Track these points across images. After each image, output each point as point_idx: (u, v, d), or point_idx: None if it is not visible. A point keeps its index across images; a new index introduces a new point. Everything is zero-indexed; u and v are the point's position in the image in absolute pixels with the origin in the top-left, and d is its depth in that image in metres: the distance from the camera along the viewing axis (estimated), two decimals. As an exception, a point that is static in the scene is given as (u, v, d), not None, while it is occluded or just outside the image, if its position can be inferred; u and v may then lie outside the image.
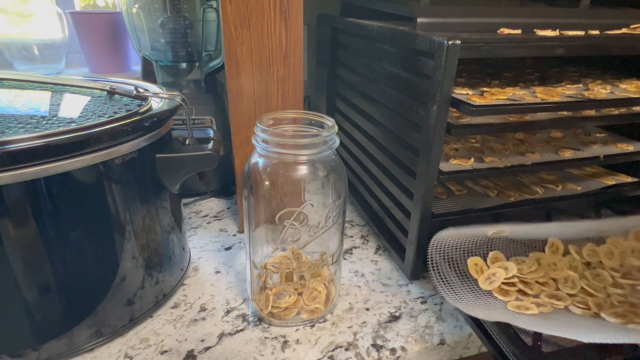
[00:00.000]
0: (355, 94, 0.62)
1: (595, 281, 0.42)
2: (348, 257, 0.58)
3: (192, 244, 0.59)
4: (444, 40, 0.38)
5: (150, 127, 0.40)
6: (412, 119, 0.46)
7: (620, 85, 0.54)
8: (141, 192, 0.41)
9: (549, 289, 0.42)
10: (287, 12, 0.50)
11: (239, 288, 0.51)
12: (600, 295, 0.40)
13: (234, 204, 0.71)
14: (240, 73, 0.51)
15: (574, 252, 0.46)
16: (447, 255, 0.44)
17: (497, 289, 0.41)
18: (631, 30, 0.50)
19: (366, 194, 0.64)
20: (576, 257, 0.45)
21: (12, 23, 0.77)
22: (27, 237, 0.34)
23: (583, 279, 0.43)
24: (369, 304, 0.49)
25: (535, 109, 0.45)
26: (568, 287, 0.42)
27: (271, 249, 0.47)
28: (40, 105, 0.42)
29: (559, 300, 0.40)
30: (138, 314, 0.44)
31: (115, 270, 0.41)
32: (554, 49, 0.43)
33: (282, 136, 0.39)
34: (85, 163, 0.35)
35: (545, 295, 0.41)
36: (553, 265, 0.44)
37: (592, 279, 0.43)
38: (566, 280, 0.43)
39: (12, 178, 0.32)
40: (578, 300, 0.40)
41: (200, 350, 0.42)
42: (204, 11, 0.68)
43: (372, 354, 0.42)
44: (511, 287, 0.42)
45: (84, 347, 0.40)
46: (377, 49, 0.53)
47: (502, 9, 0.49)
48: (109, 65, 0.84)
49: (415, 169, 0.46)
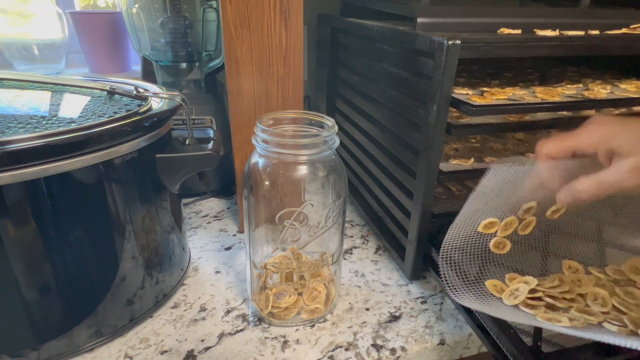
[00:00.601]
0: (355, 94, 0.62)
1: (628, 298, 0.39)
2: (348, 257, 0.58)
3: (192, 244, 0.59)
4: (444, 40, 0.38)
5: (150, 127, 0.40)
6: (412, 119, 0.46)
7: (620, 85, 0.54)
8: (141, 192, 0.41)
9: (579, 305, 0.38)
10: (287, 12, 0.50)
11: (239, 288, 0.51)
12: (634, 313, 0.37)
13: (234, 204, 0.71)
14: (240, 73, 0.51)
15: (595, 272, 0.43)
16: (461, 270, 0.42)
17: (523, 303, 0.38)
18: (631, 30, 0.50)
19: (366, 194, 0.64)
20: (601, 276, 0.42)
21: (12, 23, 0.77)
22: (27, 237, 0.34)
23: (614, 296, 0.39)
24: (369, 304, 0.49)
25: (535, 109, 0.45)
26: (598, 304, 0.38)
27: (271, 249, 0.47)
28: (40, 105, 0.42)
29: (591, 316, 0.36)
30: (138, 314, 0.44)
31: (115, 270, 0.41)
32: (554, 49, 0.43)
33: (282, 136, 0.39)
34: (85, 163, 0.35)
35: (576, 311, 0.37)
36: (578, 282, 0.41)
37: (624, 296, 0.39)
38: (596, 297, 0.39)
39: (12, 178, 0.32)
40: (612, 317, 0.36)
41: (200, 350, 0.42)
42: (204, 11, 0.68)
43: (372, 354, 0.42)
44: (538, 302, 0.38)
45: (84, 347, 0.40)
46: (377, 49, 0.53)
47: (502, 9, 0.49)
48: (109, 65, 0.84)
49: (415, 169, 0.46)
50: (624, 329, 0.35)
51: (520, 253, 0.45)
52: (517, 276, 0.42)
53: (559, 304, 0.38)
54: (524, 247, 0.46)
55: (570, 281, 0.41)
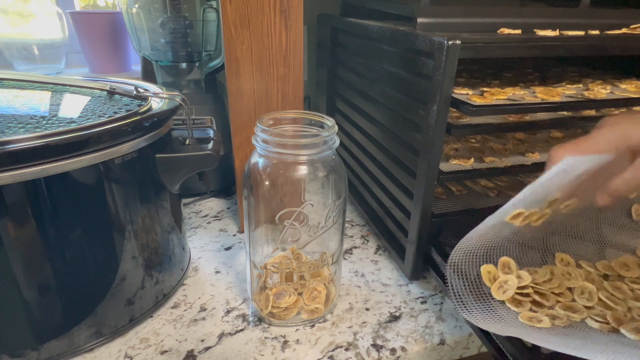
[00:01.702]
0: (355, 94, 0.62)
1: (616, 293, 0.40)
2: (348, 257, 0.58)
3: (192, 244, 0.59)
4: (444, 40, 0.38)
5: (150, 127, 0.40)
6: (412, 119, 0.46)
7: (620, 85, 0.54)
8: (141, 192, 0.41)
9: (565, 299, 0.39)
10: (287, 12, 0.50)
11: (239, 288, 0.51)
12: (620, 308, 0.38)
13: (234, 204, 0.71)
14: (240, 73, 0.51)
15: (586, 266, 0.44)
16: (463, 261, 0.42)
17: (510, 299, 0.39)
18: (631, 30, 0.50)
19: (366, 194, 0.64)
20: (590, 270, 0.43)
21: (12, 23, 0.77)
22: (27, 237, 0.34)
23: (601, 290, 0.40)
24: (369, 304, 0.49)
25: (535, 109, 0.45)
26: (585, 298, 0.39)
27: (271, 249, 0.47)
28: (40, 105, 0.42)
29: (575, 313, 0.37)
30: (138, 314, 0.44)
31: (115, 270, 0.41)
32: (554, 49, 0.43)
33: (282, 136, 0.39)
34: (86, 163, 0.35)
35: (560, 308, 0.38)
36: (567, 275, 0.42)
37: (612, 291, 0.40)
38: (583, 291, 0.40)
39: (12, 178, 0.32)
40: (596, 313, 0.37)
41: (200, 350, 0.42)
42: (204, 11, 0.68)
43: (372, 354, 0.42)
44: (525, 298, 0.39)
45: (84, 347, 0.40)
46: (377, 49, 0.53)
47: (502, 9, 0.49)
48: (109, 65, 0.84)
49: (415, 169, 0.46)
50: (606, 326, 0.36)
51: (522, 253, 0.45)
52: (510, 261, 0.42)
53: (545, 302, 0.39)
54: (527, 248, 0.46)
55: (560, 274, 0.42)
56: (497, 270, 0.41)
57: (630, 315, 0.37)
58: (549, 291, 0.40)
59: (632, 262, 0.44)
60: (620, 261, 0.44)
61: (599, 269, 0.43)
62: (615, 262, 0.44)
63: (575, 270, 0.43)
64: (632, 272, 0.42)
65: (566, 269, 0.43)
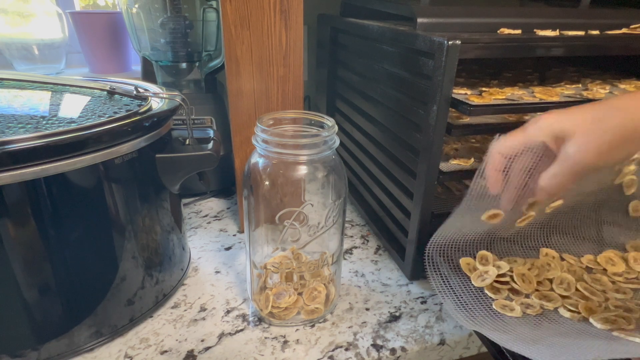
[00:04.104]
0: (355, 94, 0.62)
1: (595, 284, 0.41)
2: (348, 257, 0.58)
3: (192, 244, 0.59)
4: (444, 40, 0.38)
5: (150, 127, 0.40)
6: (412, 119, 0.46)
7: (620, 85, 0.54)
8: (141, 192, 0.41)
9: (543, 288, 0.41)
10: (287, 12, 0.50)
11: (239, 288, 0.51)
12: (596, 298, 0.39)
13: (234, 204, 0.71)
14: (240, 73, 0.51)
15: (569, 259, 0.45)
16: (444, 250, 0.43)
17: (489, 286, 0.41)
18: (631, 30, 0.50)
19: (366, 194, 0.64)
20: (572, 263, 0.44)
21: (12, 23, 0.77)
22: (27, 237, 0.34)
23: (581, 281, 0.42)
24: (369, 304, 0.49)
25: (533, 109, 0.45)
26: (562, 288, 0.41)
27: (271, 249, 0.47)
28: (40, 105, 0.42)
29: (549, 302, 0.39)
30: (138, 314, 0.44)
31: (115, 270, 0.41)
32: (554, 49, 0.43)
33: (282, 136, 0.39)
34: (85, 163, 0.35)
35: (536, 297, 0.40)
36: (547, 266, 0.43)
37: (591, 283, 0.42)
38: (562, 281, 0.42)
39: (12, 178, 0.32)
40: (570, 302, 0.39)
41: (200, 350, 0.42)
42: (204, 11, 0.68)
43: (372, 354, 0.42)
44: (503, 285, 0.41)
45: (84, 347, 0.40)
46: (377, 49, 0.53)
47: (502, 9, 0.49)
48: (109, 65, 0.84)
49: (415, 169, 0.46)
50: (577, 315, 0.37)
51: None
52: (487, 254, 0.44)
53: (524, 290, 0.40)
54: (524, 247, 0.46)
55: (540, 265, 0.43)
56: (475, 262, 0.43)
57: (604, 305, 0.39)
58: (527, 279, 0.41)
59: (617, 257, 0.45)
60: (605, 256, 0.45)
61: (583, 262, 0.45)
62: (601, 257, 0.45)
63: (556, 262, 0.44)
64: (617, 267, 0.44)
65: (546, 259, 0.45)
